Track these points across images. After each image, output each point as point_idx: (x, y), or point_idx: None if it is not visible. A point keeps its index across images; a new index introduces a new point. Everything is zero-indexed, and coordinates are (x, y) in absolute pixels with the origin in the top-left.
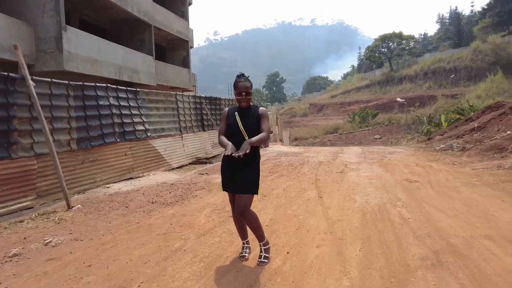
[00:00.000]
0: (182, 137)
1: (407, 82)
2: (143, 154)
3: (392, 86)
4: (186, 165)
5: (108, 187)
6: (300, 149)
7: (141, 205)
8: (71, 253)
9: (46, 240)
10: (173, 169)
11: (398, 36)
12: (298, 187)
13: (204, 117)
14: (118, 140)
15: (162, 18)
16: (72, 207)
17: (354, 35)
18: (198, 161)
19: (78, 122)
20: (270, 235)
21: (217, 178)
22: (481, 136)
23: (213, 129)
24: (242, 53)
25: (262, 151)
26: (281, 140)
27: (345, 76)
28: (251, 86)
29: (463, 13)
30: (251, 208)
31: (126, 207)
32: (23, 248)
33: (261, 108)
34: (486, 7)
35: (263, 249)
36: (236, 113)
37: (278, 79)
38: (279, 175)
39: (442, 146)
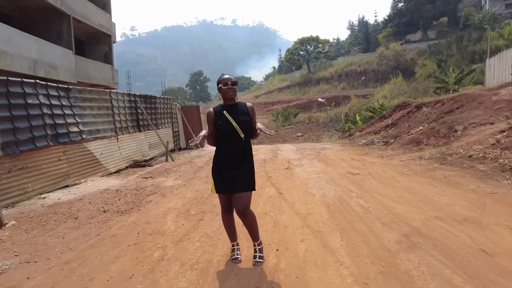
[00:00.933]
0: (118, 138)
1: (324, 83)
2: (78, 158)
3: (311, 87)
4: (124, 169)
5: (43, 198)
6: None
7: (92, 215)
8: (28, 278)
9: None
10: (110, 174)
11: (315, 40)
12: (256, 185)
13: (140, 116)
14: (50, 143)
15: (82, 8)
16: (5, 224)
17: (274, 37)
18: (136, 164)
19: (3, 124)
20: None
21: (165, 182)
22: (395, 132)
23: (149, 130)
24: (162, 50)
25: (199, 152)
26: None
27: (267, 77)
28: (236, 81)
29: (369, 21)
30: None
31: (76, 218)
32: None
33: (248, 104)
34: (387, 18)
35: (257, 249)
36: (224, 112)
37: (201, 78)
38: None
39: (364, 141)
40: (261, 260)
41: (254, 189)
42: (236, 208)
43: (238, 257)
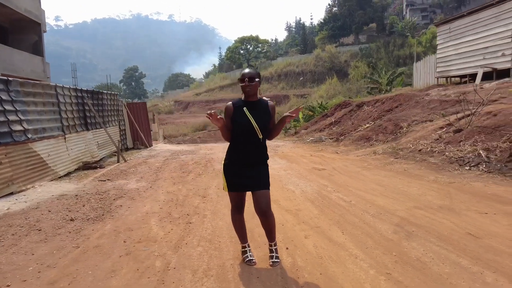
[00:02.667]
0: (65, 138)
1: (264, 82)
2: (24, 161)
3: None
4: (73, 171)
5: None
6: (188, 147)
7: (58, 225)
8: None
9: None
10: (60, 177)
11: (255, 40)
12: None
13: (87, 114)
14: None
15: None
16: None
17: (213, 34)
18: (86, 166)
19: None
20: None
21: (128, 184)
22: (340, 129)
23: (96, 128)
24: (92, 43)
25: (150, 152)
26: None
27: (207, 75)
28: (258, 75)
29: (306, 24)
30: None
31: (39, 230)
32: None
33: (270, 102)
34: (323, 21)
35: (274, 249)
36: (244, 108)
37: (137, 74)
38: (196, 174)
39: (312, 138)
40: (278, 260)
41: (269, 188)
42: (258, 207)
43: (252, 259)
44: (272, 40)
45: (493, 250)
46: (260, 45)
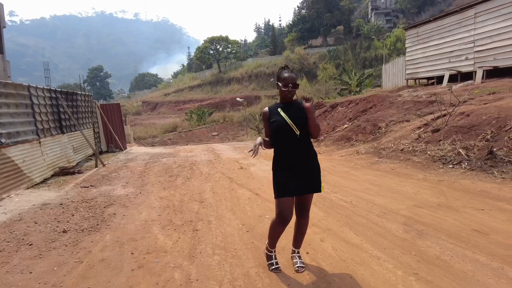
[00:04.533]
0: (40, 142)
1: (235, 83)
2: None
3: (222, 87)
4: (50, 178)
5: None
6: (165, 149)
7: (51, 238)
8: None
9: None
10: (36, 184)
11: (225, 40)
12: (225, 187)
13: (62, 116)
14: None
15: None
16: None
17: (180, 34)
18: (64, 172)
19: None
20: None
21: (114, 190)
22: None
23: (71, 131)
24: (51, 41)
25: (127, 155)
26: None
27: (176, 75)
28: (298, 84)
29: (275, 25)
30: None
31: (30, 245)
32: None
33: (305, 102)
34: (292, 23)
35: (298, 256)
36: (279, 109)
37: (102, 73)
38: (185, 178)
39: None
40: (303, 265)
41: (319, 191)
42: (299, 209)
43: (278, 266)
44: (242, 41)
45: (504, 246)
46: (230, 45)
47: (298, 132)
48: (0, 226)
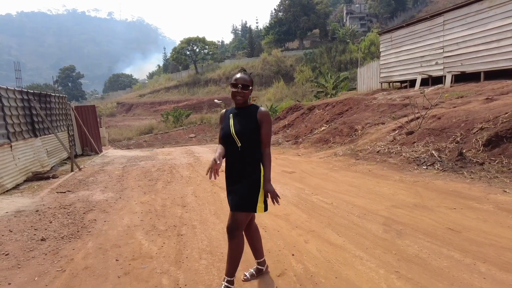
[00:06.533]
0: (11, 146)
1: (212, 84)
2: None
3: (199, 88)
4: (22, 183)
5: None
6: (142, 152)
7: (29, 247)
8: None
9: None
10: (8, 191)
11: (202, 41)
12: (207, 191)
13: (35, 118)
14: None
15: None
16: None
17: (156, 34)
18: (37, 177)
19: None
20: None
21: (93, 196)
22: (294, 132)
23: (45, 134)
24: (18, 39)
25: (103, 159)
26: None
27: (151, 76)
28: (251, 82)
29: (252, 27)
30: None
31: (6, 255)
32: None
33: (261, 108)
34: (269, 25)
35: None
36: (231, 114)
37: (74, 74)
38: (165, 182)
39: None
40: (247, 277)
41: (253, 211)
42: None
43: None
44: (219, 42)
45: (475, 243)
46: (207, 46)
47: (239, 144)
48: None
